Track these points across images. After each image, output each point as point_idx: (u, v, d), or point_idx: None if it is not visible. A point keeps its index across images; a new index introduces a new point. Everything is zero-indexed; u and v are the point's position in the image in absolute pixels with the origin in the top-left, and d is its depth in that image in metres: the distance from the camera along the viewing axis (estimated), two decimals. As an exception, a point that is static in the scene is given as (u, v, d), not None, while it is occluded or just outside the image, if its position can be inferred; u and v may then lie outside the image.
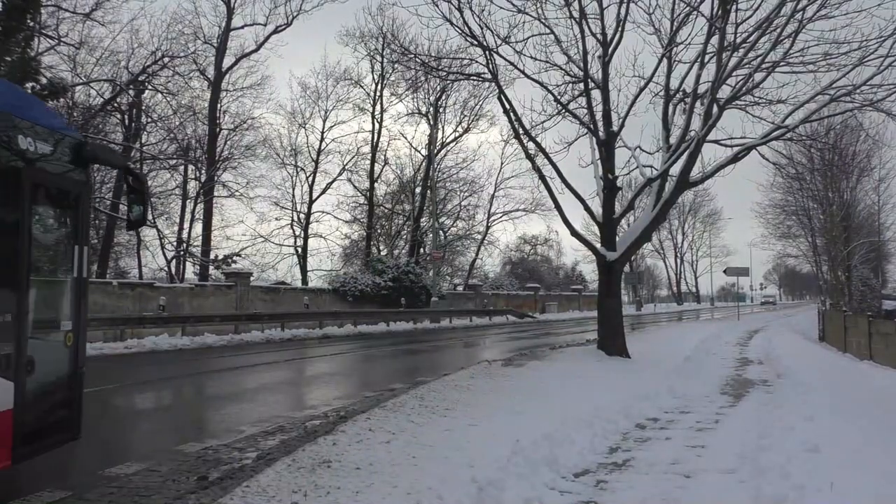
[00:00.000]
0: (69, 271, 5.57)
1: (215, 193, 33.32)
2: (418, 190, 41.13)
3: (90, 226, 9.03)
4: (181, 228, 33.80)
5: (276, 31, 33.85)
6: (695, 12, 14.40)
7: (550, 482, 5.59)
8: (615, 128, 15.65)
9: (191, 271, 33.90)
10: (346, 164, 39.50)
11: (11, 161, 4.77)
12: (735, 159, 15.09)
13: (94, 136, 27.97)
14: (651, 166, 16.52)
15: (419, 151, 41.69)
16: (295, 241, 39.23)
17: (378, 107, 38.65)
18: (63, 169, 5.38)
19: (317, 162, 38.89)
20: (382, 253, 40.83)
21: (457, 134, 41.79)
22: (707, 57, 14.42)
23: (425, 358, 16.84)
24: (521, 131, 15.56)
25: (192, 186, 34.25)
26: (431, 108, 39.59)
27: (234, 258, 32.57)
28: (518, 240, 56.56)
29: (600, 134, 15.56)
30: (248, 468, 6.12)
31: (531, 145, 15.83)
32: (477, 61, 15.31)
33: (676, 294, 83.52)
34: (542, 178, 16.06)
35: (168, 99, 29.58)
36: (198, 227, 33.93)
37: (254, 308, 25.92)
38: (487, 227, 45.85)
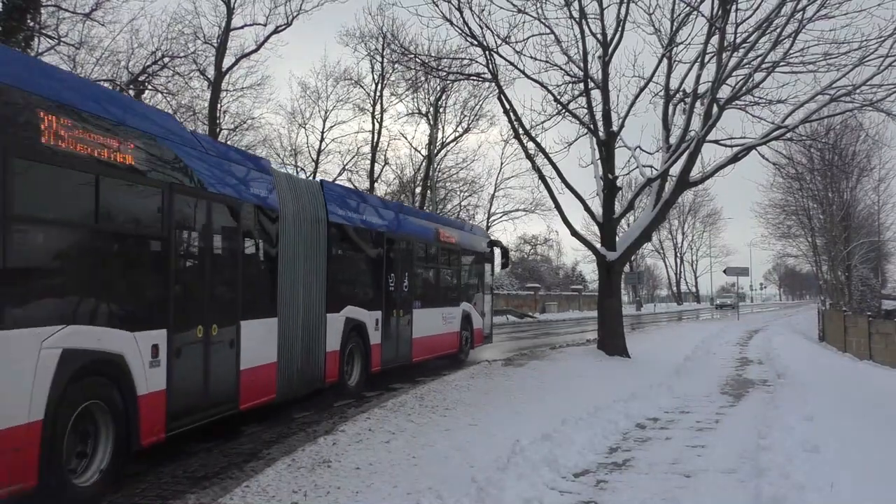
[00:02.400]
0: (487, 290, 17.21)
1: (216, 193, 33.30)
2: (418, 190, 41.12)
3: (487, 275, 17.38)
4: (181, 228, 33.77)
5: (276, 31, 33.73)
6: (695, 12, 14.40)
7: (550, 482, 5.59)
8: (615, 128, 15.65)
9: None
10: (346, 164, 39.48)
11: (483, 257, 16.75)
12: (735, 159, 15.09)
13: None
14: (651, 166, 16.52)
15: (419, 151, 41.70)
16: (295, 241, 39.25)
17: (378, 107, 38.61)
18: (484, 250, 16.82)
19: (317, 162, 38.87)
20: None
21: (457, 134, 41.79)
22: (707, 57, 14.42)
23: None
24: (521, 131, 15.56)
25: (193, 186, 34.24)
26: (431, 108, 39.57)
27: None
28: (518, 240, 56.48)
29: (600, 134, 15.55)
30: (247, 468, 6.12)
31: (531, 145, 15.84)
32: (477, 61, 15.31)
33: (676, 294, 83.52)
34: (542, 178, 16.06)
35: (168, 99, 29.52)
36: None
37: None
38: (487, 227, 45.86)
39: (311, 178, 38.75)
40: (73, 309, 5.18)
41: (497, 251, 17.81)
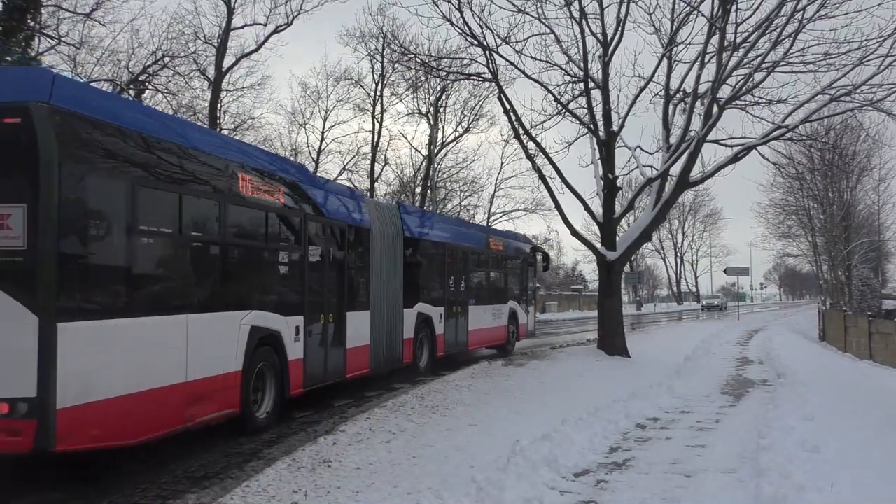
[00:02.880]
0: (531, 291, 19.47)
1: (216, 193, 33.32)
2: (418, 190, 41.12)
3: (530, 277, 19.36)
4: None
5: (276, 31, 33.72)
6: (695, 12, 14.41)
7: (550, 482, 5.59)
8: (615, 128, 15.65)
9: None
10: (347, 164, 39.47)
11: (526, 262, 18.79)
12: (735, 159, 15.10)
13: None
14: (651, 166, 16.53)
15: (419, 151, 41.69)
16: (295, 241, 39.27)
17: (378, 107, 38.60)
18: (528, 255, 18.88)
19: (317, 162, 38.83)
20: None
21: (457, 134, 41.78)
22: (707, 57, 14.42)
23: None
24: (521, 131, 15.57)
25: (193, 186, 34.26)
26: (431, 108, 39.56)
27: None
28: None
29: (600, 134, 15.56)
30: (247, 468, 6.12)
31: (531, 145, 15.85)
32: (477, 61, 15.32)
33: (676, 294, 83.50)
34: (543, 177, 16.07)
35: (168, 99, 29.49)
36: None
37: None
38: (487, 227, 45.83)
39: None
40: (256, 300, 7.67)
41: (539, 256, 20.17)
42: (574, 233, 16.45)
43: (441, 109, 40.24)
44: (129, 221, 5.71)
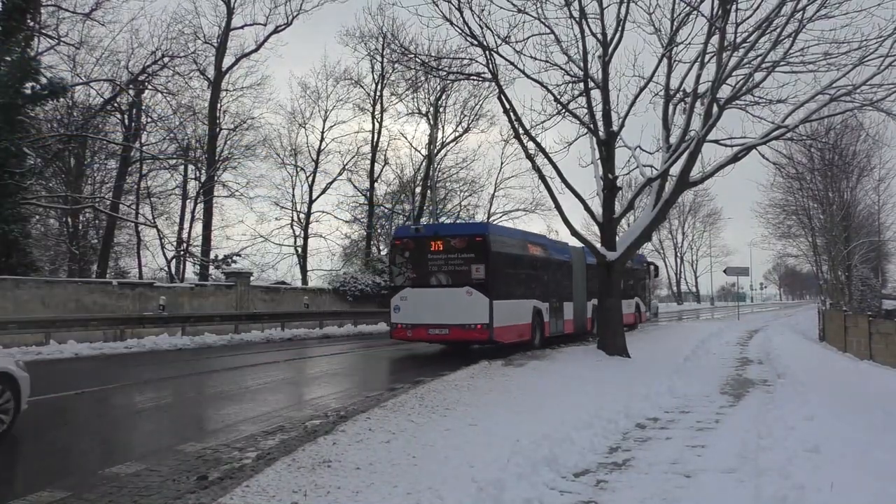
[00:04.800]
0: (648, 291, 32.38)
1: (215, 193, 33.28)
2: (418, 190, 41.08)
3: (647, 281, 31.41)
4: (181, 228, 33.78)
5: (276, 31, 33.79)
6: (695, 12, 14.41)
7: (550, 482, 5.59)
8: (615, 128, 15.65)
9: (191, 271, 33.92)
10: (346, 164, 39.45)
11: (645, 272, 30.71)
12: (735, 159, 15.08)
13: (93, 136, 28.01)
14: (651, 166, 16.52)
15: (419, 151, 41.68)
16: (295, 241, 39.20)
17: (378, 107, 38.60)
18: (645, 267, 30.93)
19: (317, 162, 38.85)
20: (382, 253, 40.77)
21: (457, 134, 41.77)
22: (707, 57, 14.41)
23: (426, 357, 16.81)
24: (521, 131, 15.56)
25: (192, 186, 34.24)
26: (431, 108, 39.53)
27: (234, 258, 32.54)
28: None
29: (600, 134, 15.55)
30: (247, 468, 6.12)
31: (531, 145, 15.85)
32: (477, 61, 15.32)
33: (676, 294, 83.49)
34: (542, 177, 16.07)
35: (168, 99, 29.57)
36: (198, 227, 33.93)
37: (254, 308, 25.90)
38: (487, 227, 45.79)
39: (310, 177, 38.87)
40: (535, 295, 17.94)
41: (652, 267, 32.89)
42: (574, 233, 16.44)
43: (441, 109, 40.23)
44: (511, 266, 16.84)
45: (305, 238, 38.82)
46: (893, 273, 53.98)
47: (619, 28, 14.76)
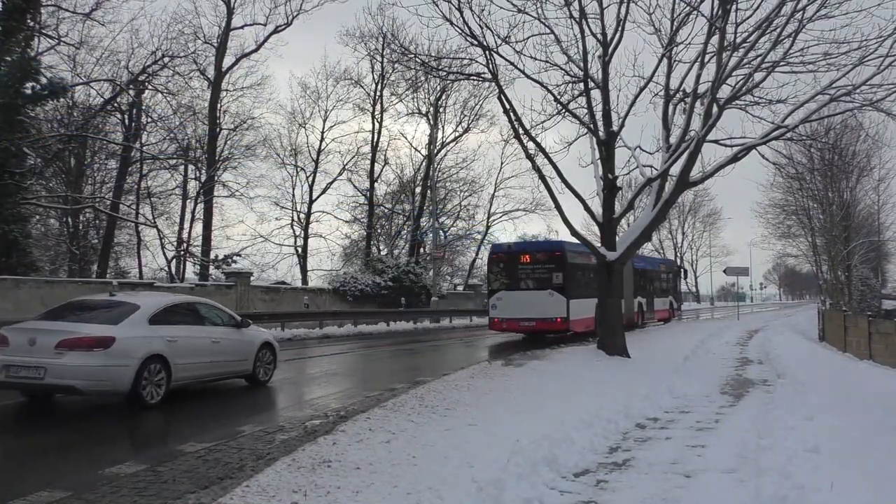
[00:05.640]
0: (678, 291, 38.48)
1: (215, 193, 33.32)
2: (418, 190, 41.11)
3: (677, 282, 37.54)
4: (181, 228, 33.82)
5: (276, 31, 33.84)
6: (695, 12, 14.39)
7: (550, 482, 5.59)
8: (615, 128, 15.64)
9: (191, 271, 33.97)
10: (346, 164, 39.50)
11: (674, 274, 36.98)
12: (735, 159, 15.08)
13: (93, 136, 28.01)
14: (651, 166, 16.51)
15: (419, 151, 41.73)
16: (295, 241, 39.25)
17: (378, 107, 38.63)
18: (675, 270, 37.66)
19: (317, 162, 38.90)
20: (382, 253, 40.80)
21: (457, 134, 41.83)
22: (707, 57, 14.41)
23: (425, 357, 16.83)
24: (521, 131, 15.54)
25: (192, 186, 34.28)
26: (431, 108, 39.58)
27: (234, 258, 32.56)
28: (518, 240, 56.46)
29: (600, 134, 15.55)
30: (247, 468, 6.12)
31: (531, 145, 15.83)
32: (477, 61, 15.30)
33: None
34: (542, 177, 16.05)
35: (168, 99, 29.58)
36: (198, 227, 33.97)
37: (254, 308, 25.90)
38: (487, 227, 45.84)
39: (310, 177, 38.87)
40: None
41: (682, 270, 40.59)
42: (574, 233, 16.43)
43: (441, 109, 40.27)
44: (580, 272, 21.74)
45: (305, 238, 38.85)
46: (893, 273, 54.06)
47: (619, 28, 14.76)
